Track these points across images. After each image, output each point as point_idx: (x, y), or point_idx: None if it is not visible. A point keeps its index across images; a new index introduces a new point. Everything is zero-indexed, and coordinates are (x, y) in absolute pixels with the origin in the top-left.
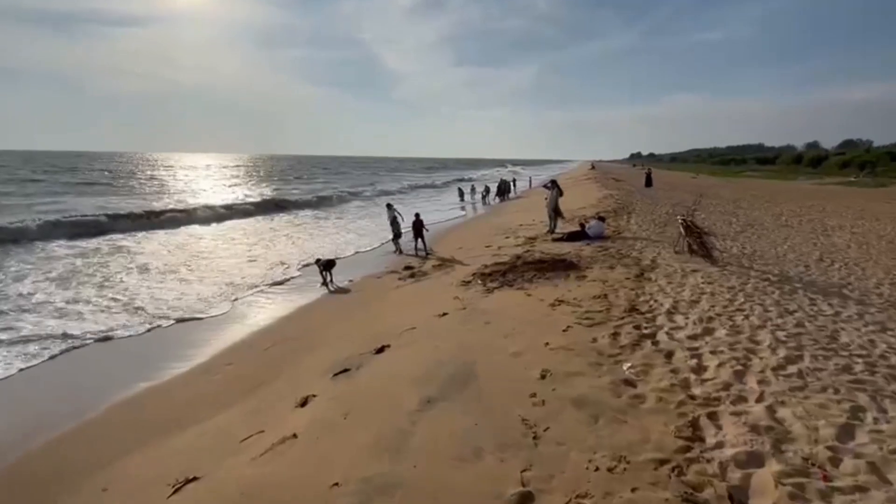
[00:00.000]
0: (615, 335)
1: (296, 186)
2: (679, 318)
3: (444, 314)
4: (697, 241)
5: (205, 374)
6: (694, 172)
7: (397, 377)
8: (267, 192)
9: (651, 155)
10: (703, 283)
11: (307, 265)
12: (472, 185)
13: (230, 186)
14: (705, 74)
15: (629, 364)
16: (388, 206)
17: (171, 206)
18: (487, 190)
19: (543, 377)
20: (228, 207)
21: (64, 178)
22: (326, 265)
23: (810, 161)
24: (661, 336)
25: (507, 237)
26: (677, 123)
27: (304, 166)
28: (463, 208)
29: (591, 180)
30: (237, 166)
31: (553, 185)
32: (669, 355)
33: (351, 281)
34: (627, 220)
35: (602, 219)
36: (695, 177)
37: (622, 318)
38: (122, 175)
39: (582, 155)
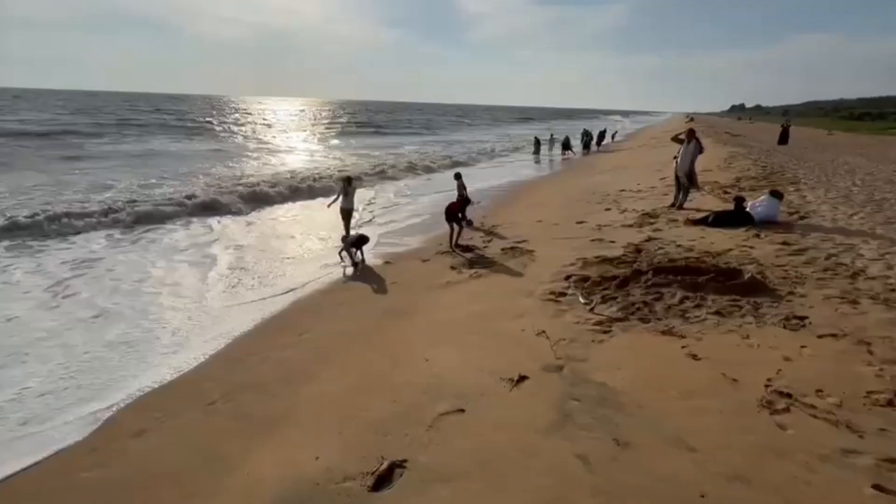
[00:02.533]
0: None
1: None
2: None
3: (522, 379)
4: None
5: (89, 456)
6: (824, 128)
7: None
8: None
9: (758, 107)
10: None
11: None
12: (552, 135)
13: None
14: (842, 8)
15: None
16: (348, 179)
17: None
18: (568, 142)
19: None
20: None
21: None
22: (356, 242)
23: None
24: None
25: (607, 209)
26: (793, 70)
27: (396, 116)
28: (538, 162)
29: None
30: (331, 115)
31: (690, 137)
32: None
33: (388, 263)
34: (801, 196)
35: (779, 195)
36: (830, 133)
37: None
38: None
39: (672, 107)
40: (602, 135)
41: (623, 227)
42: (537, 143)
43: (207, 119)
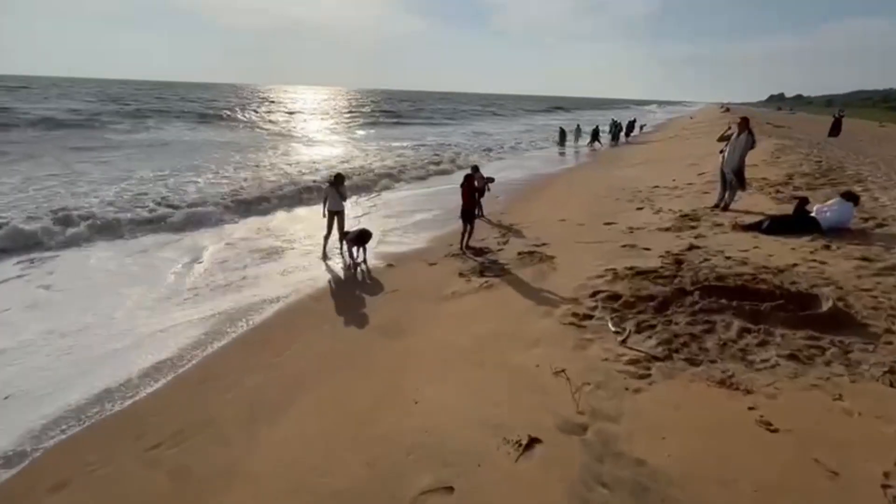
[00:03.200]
0: None
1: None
2: None
3: (532, 443)
4: None
5: None
6: (873, 119)
7: None
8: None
9: (798, 97)
10: None
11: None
12: (578, 125)
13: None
14: None
15: None
16: (339, 177)
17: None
18: (597, 132)
19: None
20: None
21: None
22: (357, 238)
23: None
24: None
25: (639, 208)
26: (838, 58)
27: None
28: (562, 153)
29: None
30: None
31: (742, 128)
32: None
33: (391, 265)
34: (873, 198)
35: (853, 197)
36: (882, 125)
37: None
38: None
39: (704, 96)
40: (631, 125)
41: (659, 230)
42: (562, 133)
43: (230, 107)
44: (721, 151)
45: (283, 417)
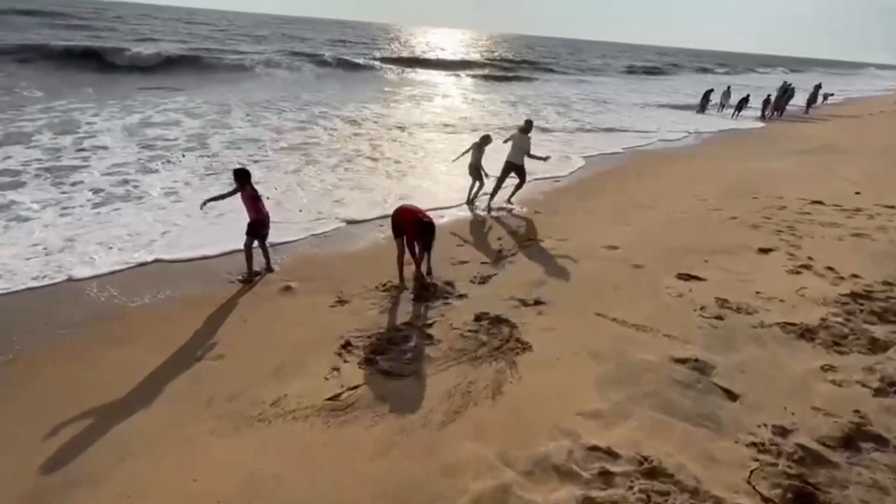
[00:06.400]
0: None
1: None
2: None
3: None
4: None
5: None
6: None
7: None
8: None
9: None
10: None
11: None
12: (728, 87)
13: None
14: None
15: None
16: (485, 138)
17: None
18: (785, 92)
19: None
20: None
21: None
22: (251, 231)
23: None
24: None
25: (763, 249)
26: None
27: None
28: (690, 133)
29: None
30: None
31: None
32: None
33: (288, 289)
34: None
35: None
36: None
37: None
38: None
39: None
40: (815, 93)
41: (784, 328)
42: (706, 97)
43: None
44: None
45: None
